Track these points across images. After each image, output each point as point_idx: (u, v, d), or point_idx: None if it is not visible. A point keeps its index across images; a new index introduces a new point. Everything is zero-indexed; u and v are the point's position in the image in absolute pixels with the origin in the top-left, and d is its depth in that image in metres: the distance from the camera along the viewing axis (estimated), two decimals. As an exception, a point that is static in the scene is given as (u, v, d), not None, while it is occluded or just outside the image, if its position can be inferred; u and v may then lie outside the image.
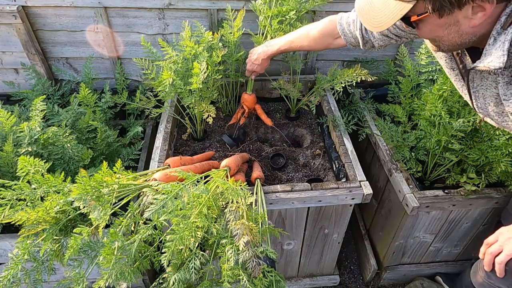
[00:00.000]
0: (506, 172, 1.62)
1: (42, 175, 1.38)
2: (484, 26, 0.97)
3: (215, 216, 1.33)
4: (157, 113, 1.94)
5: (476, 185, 1.67)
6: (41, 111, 1.68)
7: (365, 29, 1.46)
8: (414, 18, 1.01)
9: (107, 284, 1.24)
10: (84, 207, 1.26)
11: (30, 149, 1.57)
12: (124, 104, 2.10)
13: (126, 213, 1.35)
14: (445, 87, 1.60)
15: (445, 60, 1.23)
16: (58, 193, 1.35)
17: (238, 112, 2.05)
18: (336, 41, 1.61)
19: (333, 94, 1.98)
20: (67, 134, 1.68)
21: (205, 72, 1.61)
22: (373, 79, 1.77)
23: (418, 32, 1.10)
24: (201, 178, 1.42)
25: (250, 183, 1.66)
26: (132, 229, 1.37)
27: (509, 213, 1.70)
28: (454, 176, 1.73)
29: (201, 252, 1.29)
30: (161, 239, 1.37)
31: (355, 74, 1.79)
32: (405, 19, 1.02)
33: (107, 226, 1.35)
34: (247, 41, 2.08)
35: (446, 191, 1.70)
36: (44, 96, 1.76)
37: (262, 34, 1.93)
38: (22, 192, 1.36)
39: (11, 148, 1.55)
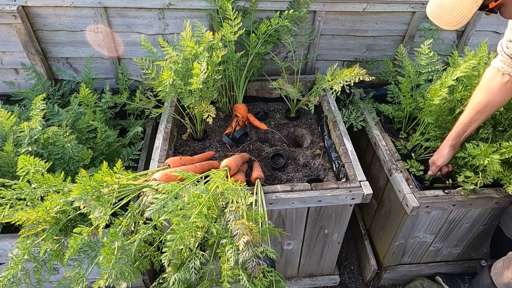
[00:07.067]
0: (497, 171, 1.61)
1: (42, 174, 1.38)
2: None
3: (215, 216, 1.33)
4: (157, 113, 1.94)
5: (475, 184, 1.67)
6: (41, 110, 1.68)
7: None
8: (492, 5, 1.05)
9: (107, 284, 1.24)
10: (84, 207, 1.26)
11: (30, 149, 1.57)
12: (124, 104, 2.10)
13: (126, 213, 1.35)
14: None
15: None
16: (58, 193, 1.35)
17: (233, 121, 2.06)
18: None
19: (332, 94, 1.99)
20: (67, 134, 1.68)
21: (205, 73, 1.61)
22: (370, 79, 1.77)
23: (504, 16, 1.12)
24: (201, 178, 1.42)
25: (250, 183, 1.66)
26: (132, 229, 1.37)
27: (508, 219, 1.70)
28: (453, 175, 1.73)
29: (201, 252, 1.29)
30: (161, 239, 1.37)
31: (353, 74, 1.79)
32: (483, 8, 1.06)
33: (107, 226, 1.35)
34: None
35: (446, 191, 1.70)
36: (45, 95, 1.76)
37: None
38: (22, 191, 1.36)
39: (11, 148, 1.55)
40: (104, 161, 1.37)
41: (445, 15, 1.14)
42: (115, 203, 1.33)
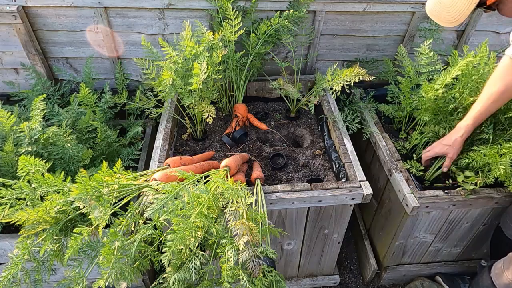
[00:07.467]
0: (505, 173, 1.62)
1: (43, 174, 1.38)
2: None
3: (215, 216, 1.33)
4: (157, 113, 1.94)
5: (475, 184, 1.67)
6: (41, 110, 1.68)
7: None
8: (490, 1, 1.07)
9: (107, 284, 1.24)
10: (84, 207, 1.26)
11: (30, 149, 1.57)
12: (124, 104, 2.10)
13: (126, 213, 1.35)
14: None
15: None
16: (58, 193, 1.35)
17: (233, 121, 2.06)
18: None
19: (332, 94, 1.98)
20: (67, 134, 1.68)
21: (205, 73, 1.61)
22: (370, 79, 1.77)
23: (502, 13, 1.14)
24: (201, 178, 1.42)
25: (250, 183, 1.66)
26: (132, 229, 1.37)
27: (508, 219, 1.70)
28: (454, 174, 1.73)
29: (201, 252, 1.29)
30: (161, 239, 1.37)
31: (353, 74, 1.79)
32: (481, 5, 1.09)
33: (107, 226, 1.35)
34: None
35: (446, 191, 1.70)
36: (45, 95, 1.76)
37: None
38: (22, 191, 1.36)
39: (11, 148, 1.55)
40: (104, 161, 1.37)
41: (443, 12, 1.18)
42: (115, 203, 1.33)
